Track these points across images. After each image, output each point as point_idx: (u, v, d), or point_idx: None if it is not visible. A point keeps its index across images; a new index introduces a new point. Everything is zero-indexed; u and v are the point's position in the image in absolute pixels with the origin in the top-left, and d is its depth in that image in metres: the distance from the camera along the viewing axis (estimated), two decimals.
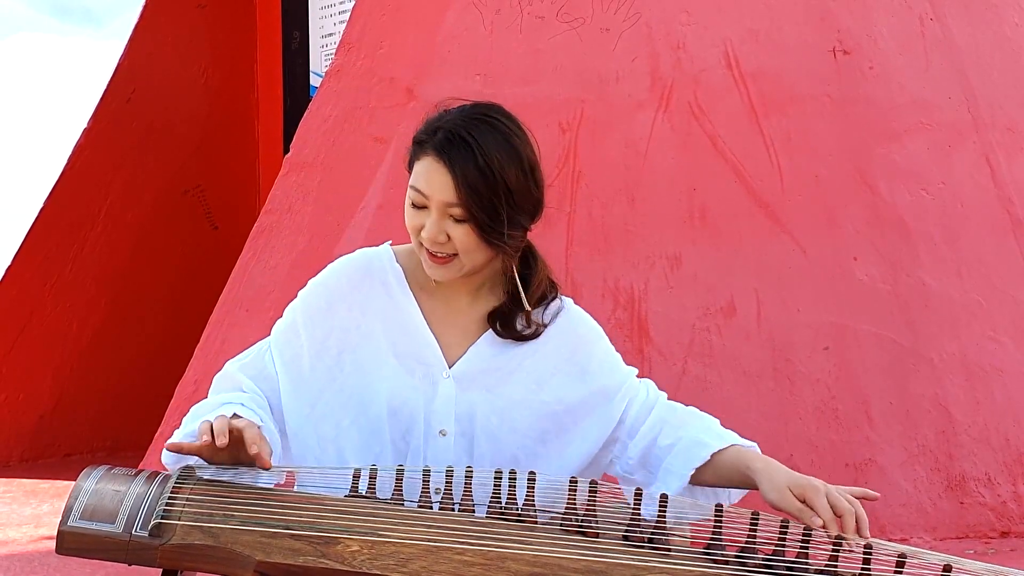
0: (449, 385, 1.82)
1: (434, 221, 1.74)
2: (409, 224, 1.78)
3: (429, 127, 1.79)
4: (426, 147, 1.76)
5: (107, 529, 1.50)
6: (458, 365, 1.83)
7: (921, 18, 4.41)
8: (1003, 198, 4.27)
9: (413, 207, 1.77)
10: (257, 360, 1.85)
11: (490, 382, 1.83)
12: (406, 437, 1.80)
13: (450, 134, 1.75)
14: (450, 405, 1.81)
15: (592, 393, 1.86)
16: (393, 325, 1.83)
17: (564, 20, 4.27)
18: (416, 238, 1.78)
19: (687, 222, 4.05)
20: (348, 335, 1.82)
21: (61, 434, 5.96)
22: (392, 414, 1.80)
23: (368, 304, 1.84)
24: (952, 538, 3.72)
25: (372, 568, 1.46)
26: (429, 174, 1.74)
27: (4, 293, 5.72)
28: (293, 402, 1.81)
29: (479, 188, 1.72)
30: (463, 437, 1.80)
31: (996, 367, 3.99)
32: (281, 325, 1.87)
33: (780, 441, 3.80)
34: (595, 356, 1.90)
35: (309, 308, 1.86)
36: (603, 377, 1.88)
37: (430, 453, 1.79)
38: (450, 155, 1.73)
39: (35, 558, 3.69)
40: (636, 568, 1.47)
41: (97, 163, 5.95)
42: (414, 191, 1.76)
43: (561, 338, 1.89)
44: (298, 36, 6.82)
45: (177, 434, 1.72)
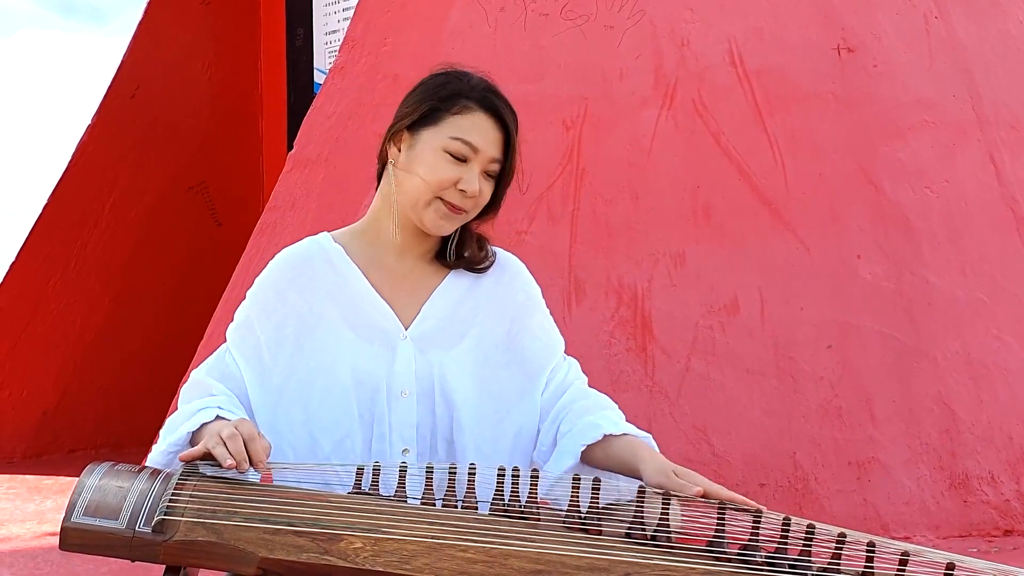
0: (408, 346, 1.85)
1: (475, 174, 1.81)
2: (441, 176, 1.81)
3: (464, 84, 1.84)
4: (472, 102, 1.82)
5: (110, 525, 1.51)
6: (414, 326, 1.87)
7: (925, 16, 4.40)
8: (1007, 196, 4.27)
9: (449, 158, 1.81)
10: (219, 363, 1.87)
11: (445, 342, 1.87)
12: (371, 405, 1.83)
13: (493, 92, 1.85)
14: (410, 365, 1.84)
15: (522, 376, 1.91)
16: (344, 300, 1.87)
17: (568, 17, 4.26)
18: (437, 191, 1.81)
19: (691, 220, 4.05)
20: (302, 320, 1.85)
21: (65, 430, 5.97)
22: (357, 384, 1.83)
23: (316, 286, 1.87)
24: (955, 536, 3.71)
25: (375, 565, 1.46)
26: (485, 129, 1.82)
27: (8, 289, 5.73)
28: (260, 395, 1.83)
29: (515, 146, 1.85)
30: (424, 397, 1.84)
31: (1000, 365, 3.99)
32: (235, 325, 1.90)
33: (783, 439, 3.80)
34: (528, 330, 1.94)
35: (259, 303, 1.89)
36: (531, 359, 1.92)
37: (394, 416, 1.83)
38: (502, 112, 1.83)
39: (39, 554, 3.69)
40: (639, 565, 1.47)
41: (101, 159, 5.96)
42: (459, 143, 1.81)
43: (503, 303, 1.93)
44: (302, 33, 6.82)
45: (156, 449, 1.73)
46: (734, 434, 3.79)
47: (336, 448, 1.81)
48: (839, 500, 3.75)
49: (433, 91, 1.85)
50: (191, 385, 1.84)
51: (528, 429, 1.90)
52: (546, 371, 1.92)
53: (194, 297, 5.93)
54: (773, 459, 3.79)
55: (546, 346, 1.95)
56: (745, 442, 3.80)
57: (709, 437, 3.78)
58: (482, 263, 1.93)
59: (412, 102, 1.87)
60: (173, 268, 6.36)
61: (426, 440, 1.84)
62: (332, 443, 1.81)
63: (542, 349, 1.94)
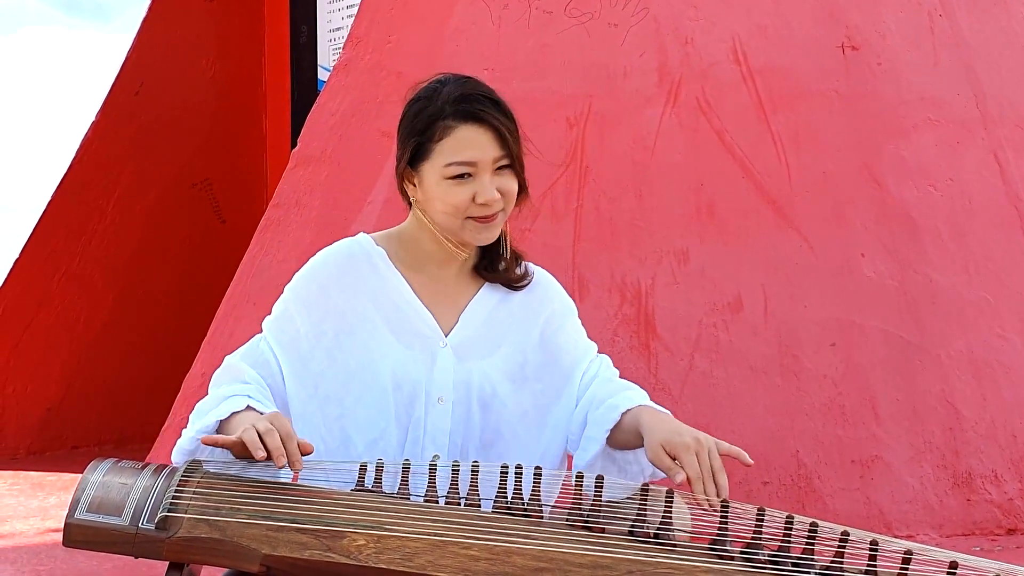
0: (447, 354, 1.87)
1: (488, 181, 1.82)
2: (454, 202, 1.82)
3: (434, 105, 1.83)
4: (449, 121, 1.81)
5: (114, 522, 1.51)
6: (453, 334, 1.89)
7: (930, 14, 4.40)
8: (1011, 194, 4.26)
9: (455, 182, 1.81)
10: (253, 350, 1.88)
11: (483, 351, 1.89)
12: (409, 409, 1.84)
13: (465, 98, 1.82)
14: (448, 374, 1.86)
15: (559, 376, 1.93)
16: (385, 303, 1.88)
17: (572, 15, 4.26)
18: (460, 214, 1.82)
19: (694, 217, 4.05)
20: (343, 317, 1.86)
21: (68, 427, 5.97)
22: (396, 388, 1.84)
23: (358, 286, 1.88)
24: (958, 535, 3.71)
25: (378, 562, 1.46)
26: (472, 140, 1.81)
27: (12, 286, 5.73)
28: (296, 385, 1.83)
29: (512, 131, 1.83)
30: (460, 404, 1.86)
31: (1004, 364, 3.98)
32: (273, 315, 1.91)
33: (786, 437, 3.80)
34: (564, 331, 1.97)
35: (300, 296, 1.89)
36: (566, 356, 1.95)
37: (430, 421, 1.84)
38: (481, 114, 1.81)
39: (42, 550, 3.70)
40: (642, 563, 1.47)
41: (105, 157, 5.96)
42: (456, 166, 1.81)
43: (537, 312, 1.96)
44: (306, 30, 6.81)
45: (184, 435, 1.73)
46: (737, 432, 3.79)
47: (369, 447, 1.82)
48: (842, 498, 3.74)
49: (412, 125, 1.86)
50: (224, 369, 1.85)
51: (562, 423, 1.93)
52: (582, 365, 1.96)
53: (198, 294, 5.92)
54: (776, 457, 3.79)
55: (578, 344, 1.99)
56: (748, 440, 3.79)
57: (712, 435, 3.77)
58: (520, 280, 1.96)
59: (401, 140, 1.89)
60: (177, 265, 6.36)
61: (457, 447, 1.86)
62: (365, 442, 1.82)
63: (575, 347, 1.98)
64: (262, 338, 1.88)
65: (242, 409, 1.69)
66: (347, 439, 1.83)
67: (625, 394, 1.90)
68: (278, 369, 1.84)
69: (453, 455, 1.85)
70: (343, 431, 1.83)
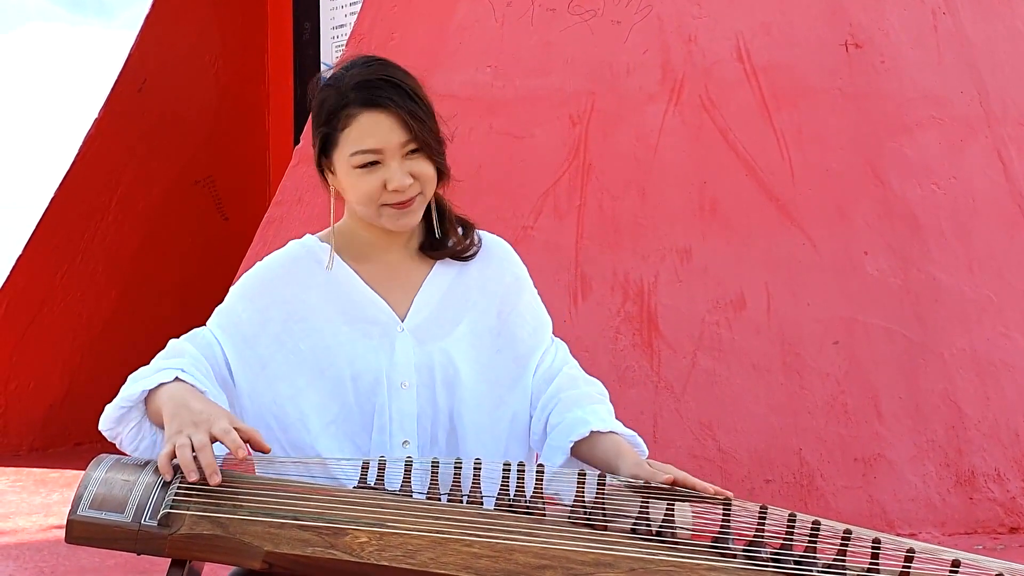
0: (406, 339, 1.85)
1: (397, 167, 1.77)
2: (365, 192, 1.79)
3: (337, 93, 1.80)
4: (351, 108, 1.77)
5: (116, 519, 1.51)
6: (409, 318, 1.87)
7: (933, 12, 4.39)
8: (1015, 193, 4.26)
9: (363, 170, 1.78)
10: (196, 334, 1.87)
11: (442, 331, 1.87)
12: (371, 397, 1.83)
13: (366, 83, 1.78)
14: (409, 357, 1.84)
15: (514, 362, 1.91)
16: (337, 296, 1.86)
17: (575, 12, 4.26)
18: (374, 202, 1.79)
19: (697, 215, 4.04)
20: (291, 306, 1.85)
21: (71, 423, 5.97)
22: (355, 377, 1.83)
23: (306, 282, 1.87)
24: (961, 533, 3.71)
25: (380, 559, 1.46)
26: (374, 127, 1.76)
27: (15, 282, 5.73)
28: (240, 364, 1.83)
29: (419, 114, 1.78)
30: (425, 388, 1.84)
31: (1006, 362, 3.98)
32: (215, 312, 1.90)
33: (789, 435, 3.80)
34: (518, 314, 1.94)
35: (244, 292, 1.88)
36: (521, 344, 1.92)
37: (394, 406, 1.83)
38: (381, 99, 1.77)
39: (45, 547, 3.70)
40: (644, 561, 1.47)
41: (108, 153, 5.96)
42: (361, 154, 1.77)
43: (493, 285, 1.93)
44: (309, 27, 6.82)
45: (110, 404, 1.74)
46: (740, 430, 3.79)
47: (324, 429, 1.81)
48: (845, 496, 3.74)
49: (318, 114, 1.83)
50: (165, 350, 1.84)
51: (522, 416, 1.91)
52: (536, 355, 1.93)
53: (200, 290, 5.91)
54: (779, 455, 3.78)
55: (535, 330, 1.95)
56: (751, 438, 3.80)
57: (715, 433, 3.78)
58: (467, 251, 1.92)
59: (312, 130, 1.86)
60: (180, 262, 6.37)
61: (427, 431, 1.85)
62: (322, 423, 1.81)
63: (531, 334, 1.94)
64: (205, 328, 1.88)
65: (170, 381, 1.69)
66: (303, 416, 1.81)
67: (594, 408, 1.86)
68: (220, 352, 1.83)
69: (422, 440, 1.83)
70: (298, 409, 1.82)
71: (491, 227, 2.03)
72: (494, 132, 4.17)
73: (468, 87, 4.22)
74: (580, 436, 1.80)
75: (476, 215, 2.02)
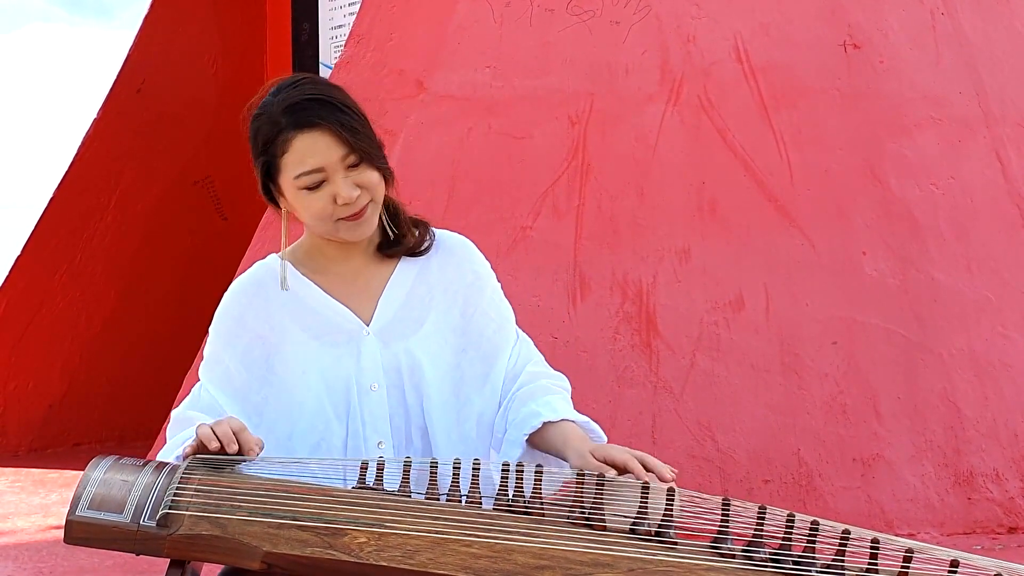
0: (372, 341, 1.87)
1: (342, 181, 1.78)
2: (316, 210, 1.80)
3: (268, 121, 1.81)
4: (286, 133, 1.78)
5: (115, 519, 1.51)
6: (374, 321, 1.88)
7: (932, 12, 4.39)
8: (1013, 193, 4.26)
9: (310, 191, 1.79)
10: (195, 399, 1.89)
11: (406, 330, 1.89)
12: (344, 402, 1.85)
13: (296, 106, 1.79)
14: (376, 359, 1.86)
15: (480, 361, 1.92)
16: (301, 312, 1.88)
17: (574, 13, 4.26)
18: (328, 218, 1.81)
19: (696, 215, 4.04)
20: (266, 341, 1.87)
21: (70, 424, 5.97)
22: (329, 389, 1.85)
23: (271, 305, 1.89)
24: (960, 534, 3.71)
25: (379, 559, 1.46)
26: (311, 147, 1.77)
27: (14, 283, 5.73)
28: (242, 415, 1.84)
29: (352, 125, 1.79)
30: (394, 389, 1.86)
31: (1005, 362, 3.98)
32: (204, 362, 1.92)
33: (787, 435, 3.80)
34: (481, 312, 1.95)
35: (221, 334, 1.90)
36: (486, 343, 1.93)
37: (366, 409, 1.85)
38: (313, 118, 1.78)
39: (43, 547, 3.70)
40: (643, 561, 1.47)
41: (107, 153, 5.96)
42: (305, 176, 1.78)
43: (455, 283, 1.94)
44: (308, 28, 6.81)
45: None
46: (739, 430, 3.79)
47: (313, 452, 1.83)
48: (843, 497, 3.74)
49: (255, 146, 1.85)
50: (174, 422, 1.85)
51: (488, 415, 1.92)
52: (504, 353, 1.94)
53: (199, 291, 5.92)
54: (777, 455, 3.79)
55: (500, 326, 1.96)
56: (750, 438, 3.80)
57: (714, 433, 3.78)
58: (420, 246, 1.93)
59: (254, 161, 1.87)
60: (178, 262, 6.37)
61: (400, 431, 1.86)
62: (308, 447, 1.83)
63: (496, 331, 1.95)
64: (200, 386, 1.90)
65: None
66: (294, 451, 1.84)
67: (548, 400, 1.88)
68: (222, 411, 1.85)
69: (397, 441, 1.85)
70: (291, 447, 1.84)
71: (490, 227, 2.04)
72: (493, 132, 4.17)
73: (467, 87, 4.22)
74: (532, 429, 1.83)
75: (475, 215, 2.03)
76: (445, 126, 4.17)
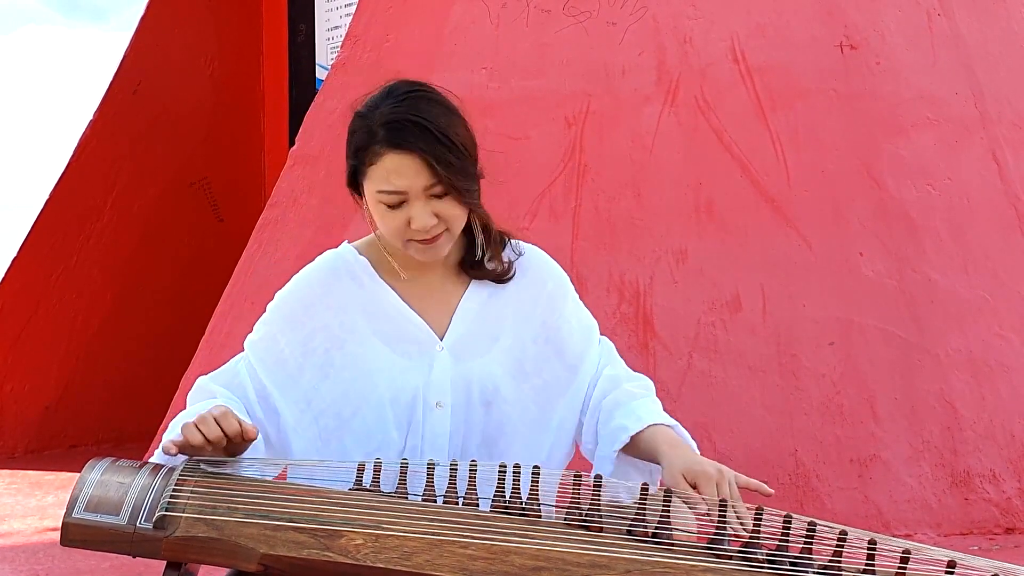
0: (444, 357, 1.85)
1: (421, 208, 1.75)
2: (390, 227, 1.78)
3: (366, 128, 1.77)
4: (378, 147, 1.75)
5: (111, 521, 1.51)
6: (448, 335, 1.86)
7: (928, 13, 4.40)
8: (1010, 194, 4.26)
9: (389, 209, 1.77)
10: (229, 371, 1.86)
11: (480, 348, 1.86)
12: (408, 417, 1.83)
13: (393, 124, 1.74)
14: (446, 376, 1.84)
15: (564, 369, 1.90)
16: (375, 315, 1.86)
17: (570, 14, 4.26)
18: (402, 236, 1.79)
19: (693, 216, 4.04)
20: (331, 333, 1.84)
21: (66, 425, 5.97)
22: (394, 400, 1.82)
23: (345, 301, 1.86)
24: (957, 534, 3.71)
25: (376, 561, 1.46)
26: (399, 169, 1.74)
27: (10, 284, 5.73)
28: (286, 402, 1.83)
29: (446, 158, 1.73)
30: (459, 407, 1.84)
31: (1002, 363, 3.98)
32: (256, 336, 1.88)
33: (785, 436, 3.80)
34: (564, 319, 1.94)
35: (284, 316, 1.87)
36: (571, 350, 1.92)
37: (427, 427, 1.83)
38: (407, 142, 1.73)
39: (40, 549, 3.70)
40: (640, 563, 1.47)
41: (103, 155, 5.96)
42: (386, 194, 1.76)
43: (533, 296, 1.92)
44: (304, 29, 6.81)
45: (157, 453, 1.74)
46: (736, 431, 3.79)
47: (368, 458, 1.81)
48: (840, 497, 3.75)
49: (348, 145, 1.82)
50: (195, 390, 1.84)
51: (569, 421, 1.90)
52: (588, 360, 1.92)
53: (196, 292, 5.93)
54: (775, 456, 3.79)
55: (583, 335, 1.95)
56: (747, 439, 3.80)
57: (711, 434, 3.78)
58: (504, 276, 1.90)
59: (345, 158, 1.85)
60: (175, 263, 6.36)
61: (458, 449, 1.84)
62: (364, 453, 1.79)
63: (580, 339, 1.94)
64: (242, 358, 1.87)
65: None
66: (345, 451, 1.81)
67: (632, 407, 1.86)
68: (251, 386, 1.83)
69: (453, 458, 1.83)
70: (341, 443, 1.82)
71: None
72: (490, 133, 4.17)
73: (463, 88, 4.20)
74: (622, 443, 1.82)
75: None
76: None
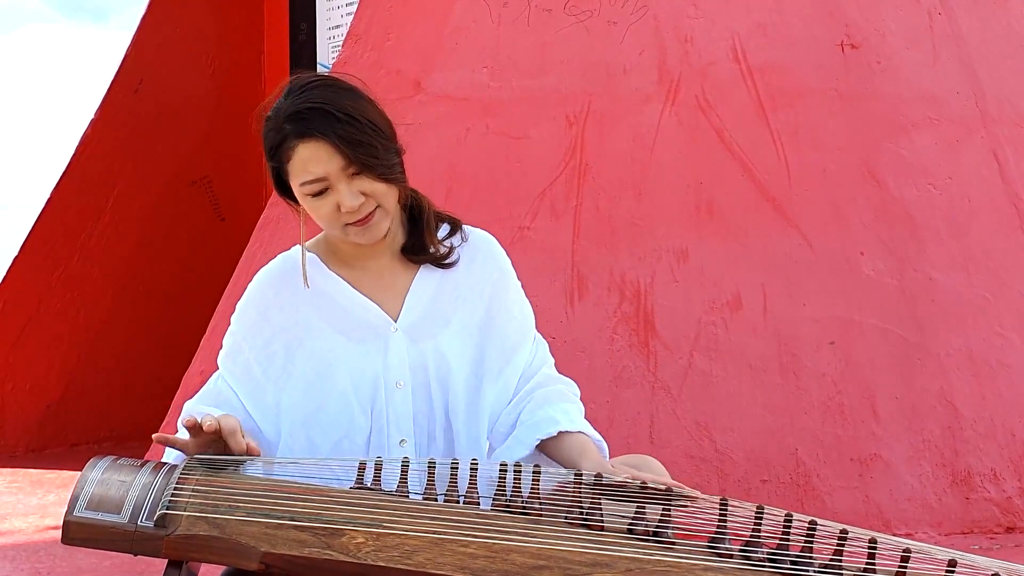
0: (400, 338, 1.88)
1: (345, 190, 1.78)
2: (324, 216, 1.82)
3: (274, 128, 1.82)
4: (288, 142, 1.79)
5: (113, 519, 1.51)
6: (401, 318, 1.89)
7: (929, 12, 4.40)
8: (1011, 193, 4.26)
9: (316, 198, 1.80)
10: (211, 390, 1.90)
11: (434, 329, 1.89)
12: (371, 400, 1.86)
13: (297, 114, 1.78)
14: (403, 357, 1.87)
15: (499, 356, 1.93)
16: (328, 307, 1.89)
17: (571, 13, 4.26)
18: (336, 223, 1.82)
19: (694, 216, 4.04)
20: (289, 333, 1.88)
21: (67, 424, 5.97)
22: (356, 387, 1.85)
23: (297, 299, 1.90)
24: (957, 533, 3.71)
25: (377, 560, 1.46)
26: (312, 157, 1.78)
27: (11, 283, 5.73)
28: (257, 409, 1.86)
29: (356, 137, 1.76)
30: (419, 387, 1.87)
31: (1002, 362, 3.98)
32: (223, 352, 1.93)
33: (785, 436, 3.80)
34: (506, 308, 1.97)
35: (244, 325, 1.91)
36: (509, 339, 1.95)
37: (391, 408, 1.85)
38: (313, 128, 1.77)
39: (41, 548, 3.70)
40: (641, 561, 1.47)
41: (104, 154, 5.96)
42: (308, 184, 1.79)
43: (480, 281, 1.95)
44: (305, 28, 6.81)
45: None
46: (736, 430, 3.79)
47: (334, 448, 1.83)
48: (841, 497, 3.75)
49: (265, 151, 1.86)
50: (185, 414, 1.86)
51: (497, 409, 1.93)
52: (523, 350, 1.96)
53: (197, 291, 5.92)
54: (775, 455, 3.79)
55: (521, 325, 1.98)
56: (747, 438, 3.80)
57: (711, 433, 3.78)
58: (447, 258, 1.94)
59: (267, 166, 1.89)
60: (176, 262, 6.36)
61: (423, 429, 1.87)
62: (330, 444, 1.83)
63: (517, 329, 1.97)
64: (219, 376, 1.91)
65: None
66: (311, 445, 1.84)
67: (565, 408, 1.90)
68: (239, 403, 1.86)
69: (419, 439, 1.86)
70: (309, 439, 1.85)
71: (487, 227, 2.04)
72: (490, 133, 4.17)
73: (464, 88, 4.22)
74: (548, 435, 1.85)
75: (473, 215, 2.03)
76: (442, 126, 4.17)
